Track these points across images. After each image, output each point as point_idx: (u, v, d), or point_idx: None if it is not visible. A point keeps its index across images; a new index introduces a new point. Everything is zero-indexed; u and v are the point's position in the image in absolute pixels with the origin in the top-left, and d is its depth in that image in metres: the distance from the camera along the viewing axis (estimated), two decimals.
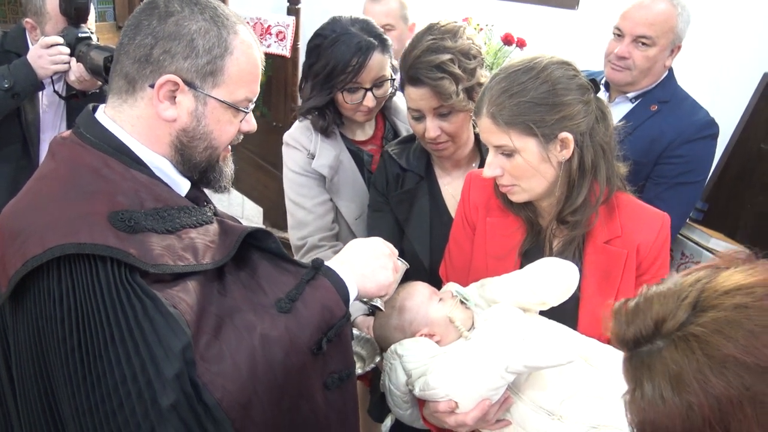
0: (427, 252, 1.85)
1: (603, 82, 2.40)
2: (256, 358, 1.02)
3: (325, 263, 1.21)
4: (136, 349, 0.93)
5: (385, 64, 1.89)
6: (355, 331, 1.54)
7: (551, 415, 1.28)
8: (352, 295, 1.21)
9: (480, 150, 1.92)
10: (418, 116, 1.74)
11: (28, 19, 2.31)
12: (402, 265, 1.39)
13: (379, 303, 1.35)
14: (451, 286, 1.55)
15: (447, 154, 1.83)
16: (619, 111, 2.33)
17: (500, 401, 1.32)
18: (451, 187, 1.90)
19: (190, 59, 1.10)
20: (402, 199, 1.88)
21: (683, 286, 0.84)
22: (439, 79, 1.64)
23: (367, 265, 1.26)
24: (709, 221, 2.73)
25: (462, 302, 1.48)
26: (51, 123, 2.47)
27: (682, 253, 2.47)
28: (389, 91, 1.96)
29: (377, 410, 2.13)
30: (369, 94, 1.88)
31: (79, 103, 2.33)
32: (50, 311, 0.95)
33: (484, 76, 1.72)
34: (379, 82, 1.89)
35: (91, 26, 2.28)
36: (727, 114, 2.85)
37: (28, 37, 2.36)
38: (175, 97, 1.11)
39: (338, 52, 1.82)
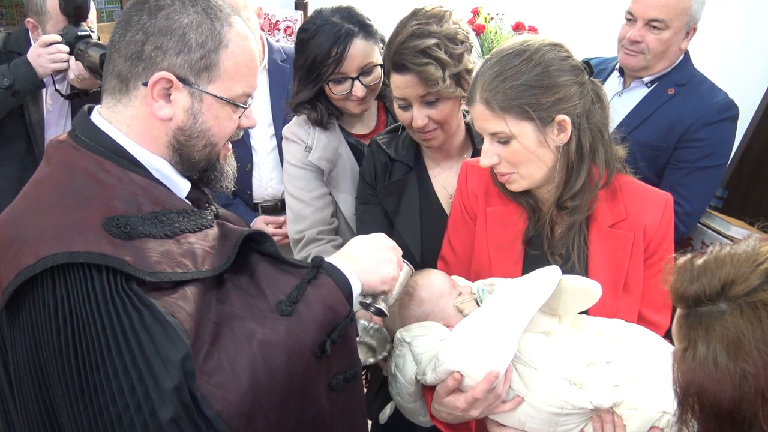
0: (418, 244, 1.79)
1: (617, 67, 2.35)
2: (256, 366, 0.98)
3: (327, 259, 1.17)
4: (133, 360, 0.90)
5: (370, 50, 1.81)
6: (363, 322, 1.50)
7: (573, 384, 1.27)
8: (356, 291, 1.18)
9: (472, 140, 1.85)
10: (405, 105, 1.67)
11: (29, 19, 2.31)
12: (406, 267, 1.35)
13: (383, 306, 1.30)
14: (463, 280, 1.52)
15: (436, 144, 1.75)
16: (635, 96, 2.29)
17: (504, 375, 1.29)
18: (441, 178, 1.84)
19: (183, 54, 1.06)
20: (390, 190, 1.81)
21: (760, 251, 0.80)
22: (424, 65, 1.57)
23: (370, 258, 1.23)
24: (729, 209, 2.66)
25: (476, 301, 1.44)
26: (55, 122, 2.46)
27: (702, 242, 2.40)
28: (380, 78, 1.88)
29: (371, 410, 2.07)
30: (356, 83, 1.81)
31: (82, 102, 2.31)
32: (46, 321, 0.92)
33: (472, 62, 1.66)
34: (366, 70, 1.82)
35: (92, 25, 2.27)
36: (747, 100, 2.78)
37: (30, 36, 2.36)
38: (169, 95, 1.07)
39: (317, 44, 1.77)
